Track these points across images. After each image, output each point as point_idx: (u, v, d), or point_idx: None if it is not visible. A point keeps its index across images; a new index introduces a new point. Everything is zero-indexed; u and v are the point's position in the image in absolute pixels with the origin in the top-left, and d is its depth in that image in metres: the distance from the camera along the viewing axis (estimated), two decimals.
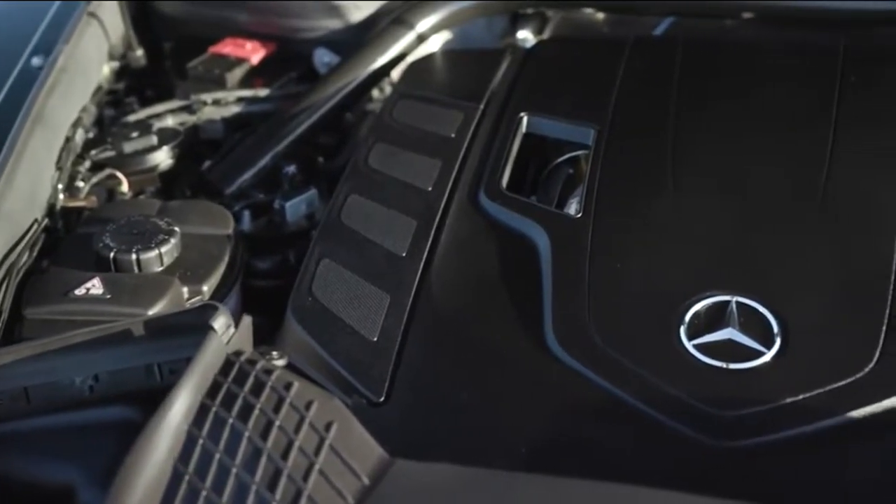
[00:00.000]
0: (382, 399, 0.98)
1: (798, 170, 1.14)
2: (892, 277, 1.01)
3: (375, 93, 1.54)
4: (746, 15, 1.49)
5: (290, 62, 1.58)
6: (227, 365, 0.85)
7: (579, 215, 1.12)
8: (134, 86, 1.61)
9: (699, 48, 1.36)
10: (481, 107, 1.30)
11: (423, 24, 1.47)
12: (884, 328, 0.97)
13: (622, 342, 0.99)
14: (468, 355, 1.02)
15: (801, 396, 0.93)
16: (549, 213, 1.15)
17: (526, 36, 1.56)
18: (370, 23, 1.56)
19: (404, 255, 1.11)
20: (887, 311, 0.98)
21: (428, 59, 1.45)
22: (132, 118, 1.46)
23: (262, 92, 1.51)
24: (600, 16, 1.65)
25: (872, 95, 1.23)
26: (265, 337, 1.12)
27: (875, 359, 0.94)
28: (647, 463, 0.92)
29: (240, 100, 1.50)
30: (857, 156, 1.14)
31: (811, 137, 1.17)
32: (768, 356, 0.96)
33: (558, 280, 1.06)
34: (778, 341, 0.97)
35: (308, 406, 0.83)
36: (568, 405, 0.97)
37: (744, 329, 0.98)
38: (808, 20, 1.45)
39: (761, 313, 0.99)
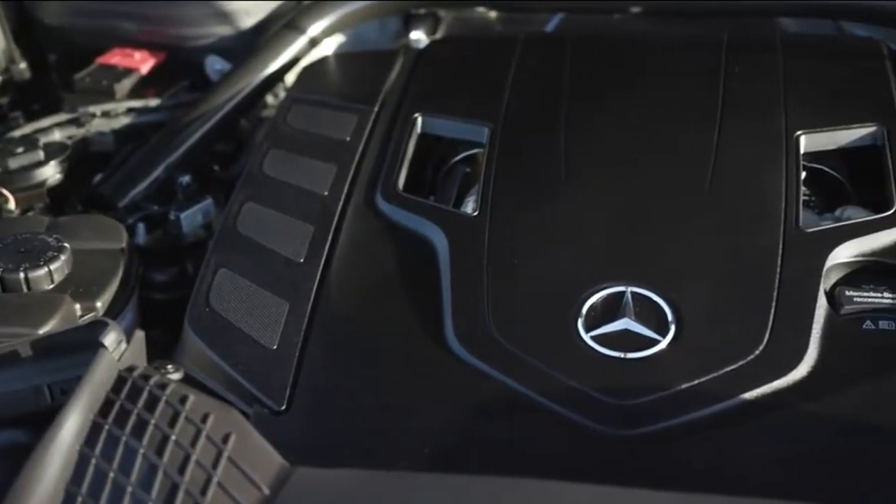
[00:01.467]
0: (284, 407, 0.97)
1: (687, 160, 1.16)
2: (779, 262, 1.03)
3: (270, 99, 1.52)
4: (634, 10, 1.51)
5: (181, 71, 1.56)
6: (120, 381, 0.83)
7: (476, 213, 1.13)
8: (18, 100, 1.57)
9: (589, 44, 1.38)
10: (375, 109, 1.30)
11: (315, 28, 1.46)
12: (772, 311, 0.99)
13: (521, 338, 1.00)
14: (369, 359, 1.02)
15: (695, 382, 0.95)
16: (445, 212, 1.15)
17: (419, 36, 1.57)
18: (261, 28, 1.55)
19: (302, 261, 1.10)
20: (775, 295, 1.00)
21: (321, 62, 1.45)
22: (17, 133, 1.42)
23: (153, 102, 1.48)
24: (493, 14, 1.67)
25: (755, 85, 1.26)
26: (167, 350, 1.10)
27: (765, 342, 0.97)
28: (549, 456, 0.93)
29: (130, 111, 1.47)
30: (742, 145, 1.17)
31: (698, 128, 1.20)
32: (663, 344, 0.98)
33: (457, 279, 1.06)
34: (672, 329, 0.99)
35: (204, 419, 0.81)
36: (470, 403, 0.97)
37: (639, 319, 1.00)
38: (692, 13, 1.48)
39: (655, 302, 1.01)
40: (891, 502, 0.86)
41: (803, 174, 1.16)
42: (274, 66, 1.43)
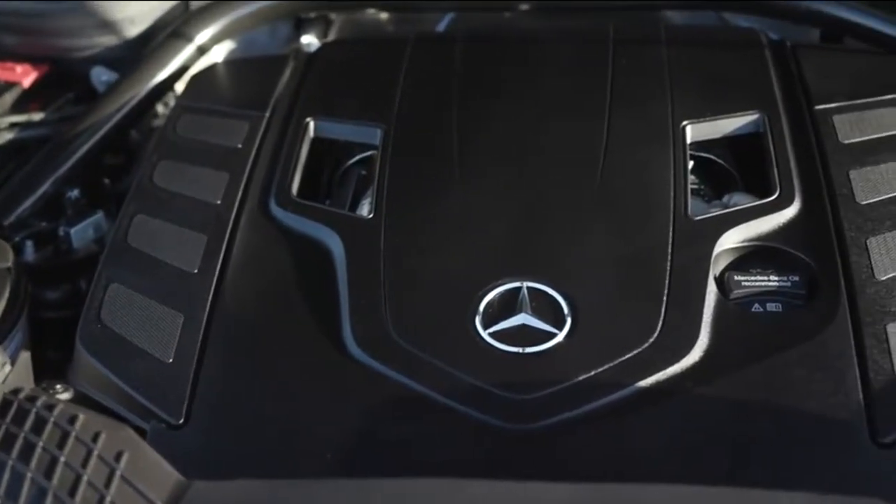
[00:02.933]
0: (182, 421, 0.96)
1: (577, 155, 1.18)
2: (669, 250, 1.05)
3: (161, 108, 1.50)
4: (524, 6, 1.52)
5: (65, 83, 1.52)
6: (5, 405, 0.81)
7: (371, 216, 1.13)
8: None
9: (479, 42, 1.39)
10: (267, 115, 1.29)
11: (203, 35, 1.44)
12: (664, 300, 1.01)
13: (420, 338, 1.00)
14: (268, 367, 1.01)
15: (592, 373, 0.96)
16: (340, 216, 1.15)
17: (310, 40, 1.56)
18: (148, 37, 1.52)
19: (196, 271, 1.09)
20: (666, 283, 1.02)
21: (210, 69, 1.42)
22: None
23: (38, 116, 1.44)
24: (384, 16, 1.67)
25: (641, 77, 1.28)
26: (62, 370, 1.08)
27: (658, 330, 0.98)
28: (452, 454, 0.93)
29: (13, 125, 1.43)
30: (630, 137, 1.19)
31: (588, 123, 1.21)
32: (560, 337, 0.99)
33: (354, 282, 1.06)
34: (568, 322, 1.00)
35: (95, 438, 0.80)
36: (371, 405, 0.97)
37: (536, 313, 1.01)
38: (579, 8, 1.50)
39: (551, 296, 1.02)
40: (782, 478, 0.88)
41: (691, 163, 1.18)
42: (162, 75, 1.41)
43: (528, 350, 0.98)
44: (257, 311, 1.06)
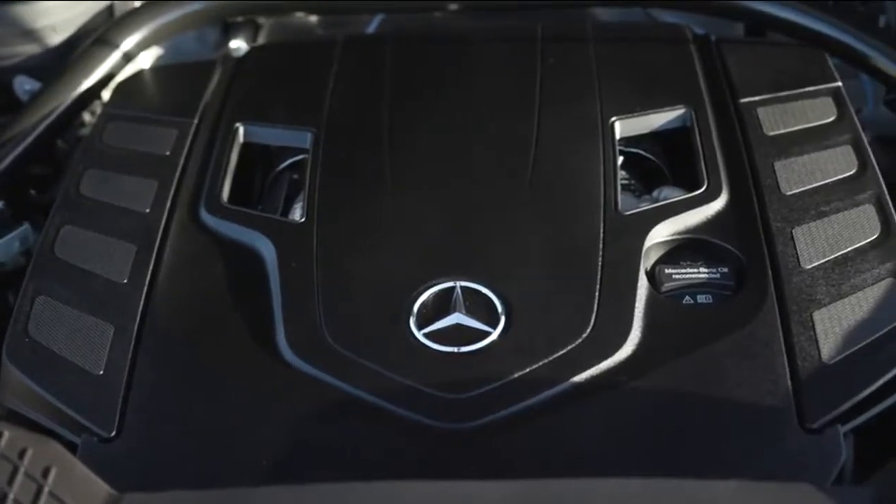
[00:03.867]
0: (114, 433, 0.95)
1: (508, 153, 1.18)
2: (601, 246, 1.06)
3: (87, 117, 1.47)
4: (452, 6, 1.52)
5: None
6: None
7: (303, 220, 1.12)
8: None
9: (408, 43, 1.39)
10: (195, 121, 1.27)
11: (128, 42, 1.41)
12: (596, 295, 1.02)
13: (355, 340, 1.00)
14: (201, 375, 1.00)
15: (527, 370, 0.96)
16: (271, 221, 1.14)
17: (239, 45, 1.55)
18: (72, 45, 1.49)
19: (125, 281, 1.07)
20: (598, 278, 1.03)
21: (136, 76, 1.40)
22: None
23: None
24: (314, 19, 1.66)
25: (570, 75, 1.29)
26: None
27: (591, 325, 0.99)
28: (389, 456, 0.93)
29: None
30: (560, 134, 1.19)
31: (518, 121, 1.22)
32: (494, 335, 0.99)
33: (287, 287, 1.05)
34: (503, 320, 1.00)
35: (22, 454, 0.78)
36: (306, 410, 0.96)
37: (470, 312, 1.01)
38: (508, 8, 1.50)
39: (485, 295, 1.02)
40: (715, 467, 0.89)
41: (620, 159, 1.19)
42: (87, 83, 1.38)
43: (463, 349, 0.99)
44: (189, 319, 1.05)
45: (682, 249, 1.09)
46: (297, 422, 0.96)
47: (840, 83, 1.26)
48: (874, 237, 1.06)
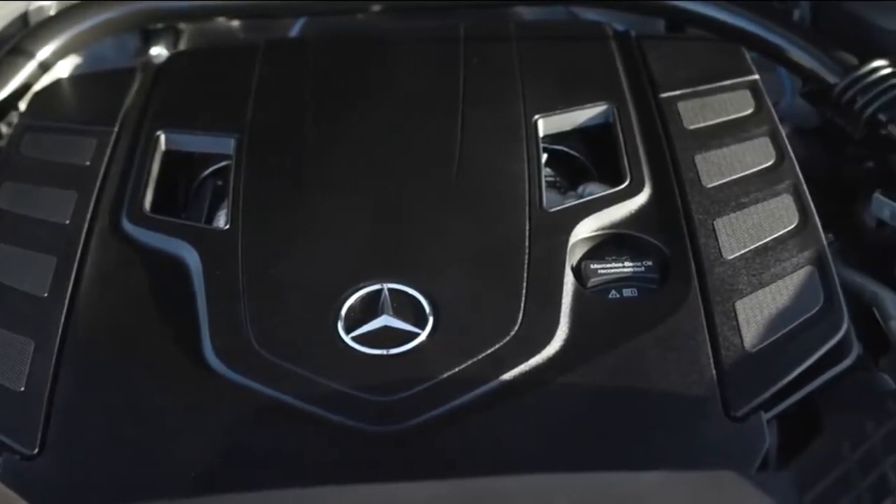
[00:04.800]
0: (36, 451, 0.93)
1: (433, 154, 1.18)
2: (527, 243, 1.06)
3: (3, 128, 1.44)
4: (375, 8, 1.52)
5: None
6: None
7: (227, 227, 1.11)
8: None
9: (331, 45, 1.38)
10: (115, 129, 1.25)
11: (45, 51, 1.39)
12: (523, 292, 1.02)
13: (283, 346, 0.99)
14: (126, 388, 0.98)
15: (456, 369, 0.96)
16: (195, 229, 1.13)
17: (160, 52, 1.52)
18: None
19: (46, 295, 1.05)
20: (525, 276, 1.03)
21: (54, 86, 1.38)
22: None
23: None
24: (236, 23, 1.64)
25: (493, 74, 1.29)
26: None
27: (518, 322, 0.99)
28: (320, 461, 0.93)
29: None
30: (484, 134, 1.20)
31: (442, 121, 1.22)
32: (423, 336, 0.99)
33: (212, 295, 1.04)
34: (430, 321, 1.00)
35: None
36: (235, 419, 0.95)
37: (398, 314, 1.01)
38: (431, 8, 1.50)
39: (412, 296, 1.02)
40: (643, 458, 0.90)
41: (544, 156, 1.20)
42: (2, 94, 1.35)
43: (392, 351, 0.98)
44: (113, 331, 1.03)
45: (606, 244, 1.10)
46: (226, 431, 0.95)
47: (757, 76, 1.28)
48: (793, 226, 1.08)
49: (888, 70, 1.28)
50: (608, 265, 1.06)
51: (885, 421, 0.73)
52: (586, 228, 1.09)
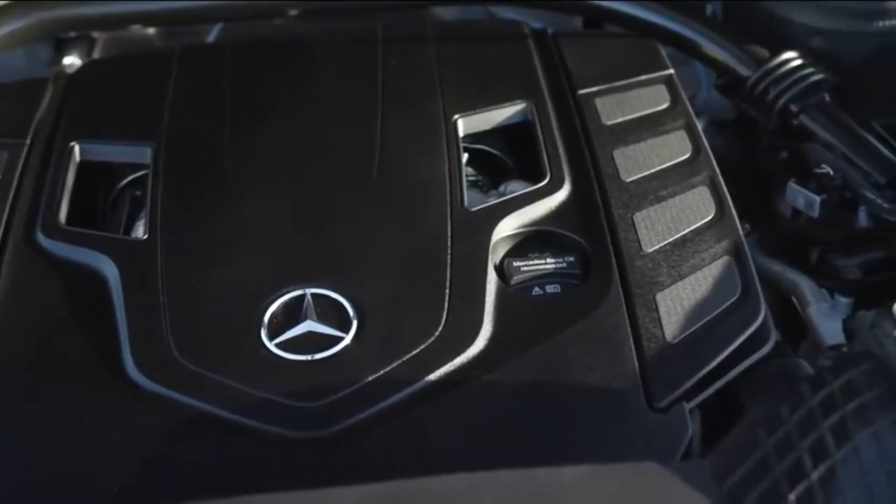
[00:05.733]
0: None
1: (353, 157, 1.18)
2: (449, 243, 1.07)
3: None
4: (292, 12, 1.51)
5: None
6: None
7: (146, 237, 1.09)
8: None
9: (249, 50, 1.37)
10: (27, 141, 1.22)
11: None
12: (447, 292, 1.02)
13: (205, 356, 0.98)
14: (45, 404, 0.96)
15: (381, 372, 0.96)
16: (112, 240, 1.11)
17: (73, 61, 1.49)
18: None
19: None
20: (448, 276, 1.03)
21: None
22: None
23: None
24: (151, 31, 1.62)
25: (411, 75, 1.29)
26: None
27: (442, 322, 1.00)
28: (248, 470, 0.92)
29: None
30: (404, 135, 1.20)
31: (361, 124, 1.21)
32: (347, 340, 0.99)
33: (132, 307, 1.02)
34: (355, 324, 1.00)
35: None
36: (159, 431, 0.94)
37: (321, 319, 1.00)
38: (349, 9, 1.50)
39: (335, 300, 1.02)
40: (569, 453, 0.90)
41: (465, 156, 1.20)
42: None
43: (317, 356, 0.98)
44: (30, 346, 1.01)
45: (529, 242, 1.10)
46: (150, 444, 0.93)
47: (672, 71, 1.30)
48: (710, 217, 1.09)
49: (798, 62, 1.31)
50: (531, 262, 1.07)
51: (800, 406, 0.75)
52: (508, 226, 1.10)
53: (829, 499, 0.69)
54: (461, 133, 1.21)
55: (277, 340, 0.99)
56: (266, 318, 1.00)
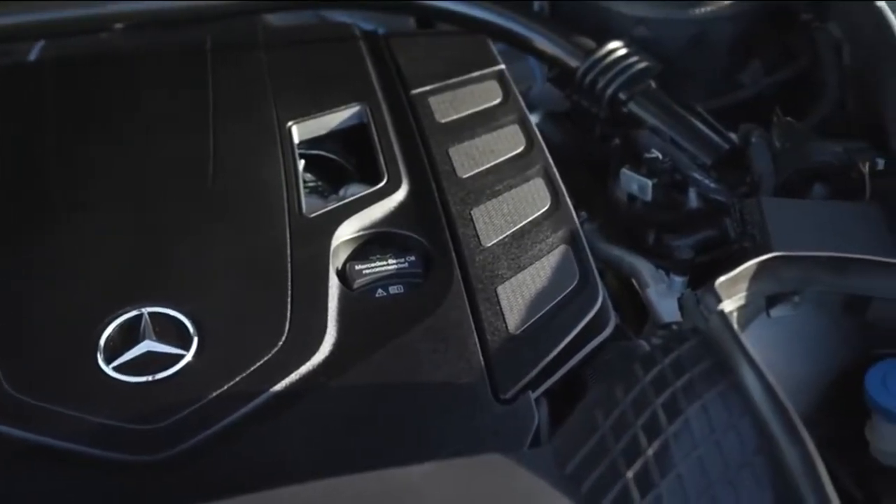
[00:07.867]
0: None
1: (186, 170, 1.15)
2: (288, 251, 1.05)
3: None
4: (118, 25, 1.46)
5: None
6: None
7: None
8: None
9: (73, 66, 1.33)
10: None
11: None
12: (289, 301, 1.01)
13: (39, 386, 0.94)
14: None
15: (226, 387, 0.94)
16: None
17: None
18: None
19: None
20: (289, 284, 1.02)
21: None
22: None
23: None
24: None
25: (242, 84, 1.27)
26: None
27: (286, 332, 0.98)
28: (93, 500, 0.89)
29: None
30: (237, 145, 1.18)
31: (193, 137, 1.19)
32: (189, 357, 0.96)
33: None
34: (196, 340, 0.97)
35: None
36: None
37: (160, 338, 0.97)
38: (176, 21, 1.46)
39: (174, 318, 0.99)
40: (418, 452, 0.90)
41: (303, 162, 1.19)
42: None
43: (158, 377, 0.95)
44: None
45: (370, 244, 1.10)
46: None
47: (503, 66, 1.32)
48: (545, 208, 1.11)
49: (623, 51, 1.35)
50: (373, 265, 1.07)
51: (634, 385, 0.77)
52: (348, 230, 1.09)
53: (665, 472, 0.71)
54: (296, 139, 1.20)
55: (115, 364, 0.96)
56: (102, 341, 0.97)
